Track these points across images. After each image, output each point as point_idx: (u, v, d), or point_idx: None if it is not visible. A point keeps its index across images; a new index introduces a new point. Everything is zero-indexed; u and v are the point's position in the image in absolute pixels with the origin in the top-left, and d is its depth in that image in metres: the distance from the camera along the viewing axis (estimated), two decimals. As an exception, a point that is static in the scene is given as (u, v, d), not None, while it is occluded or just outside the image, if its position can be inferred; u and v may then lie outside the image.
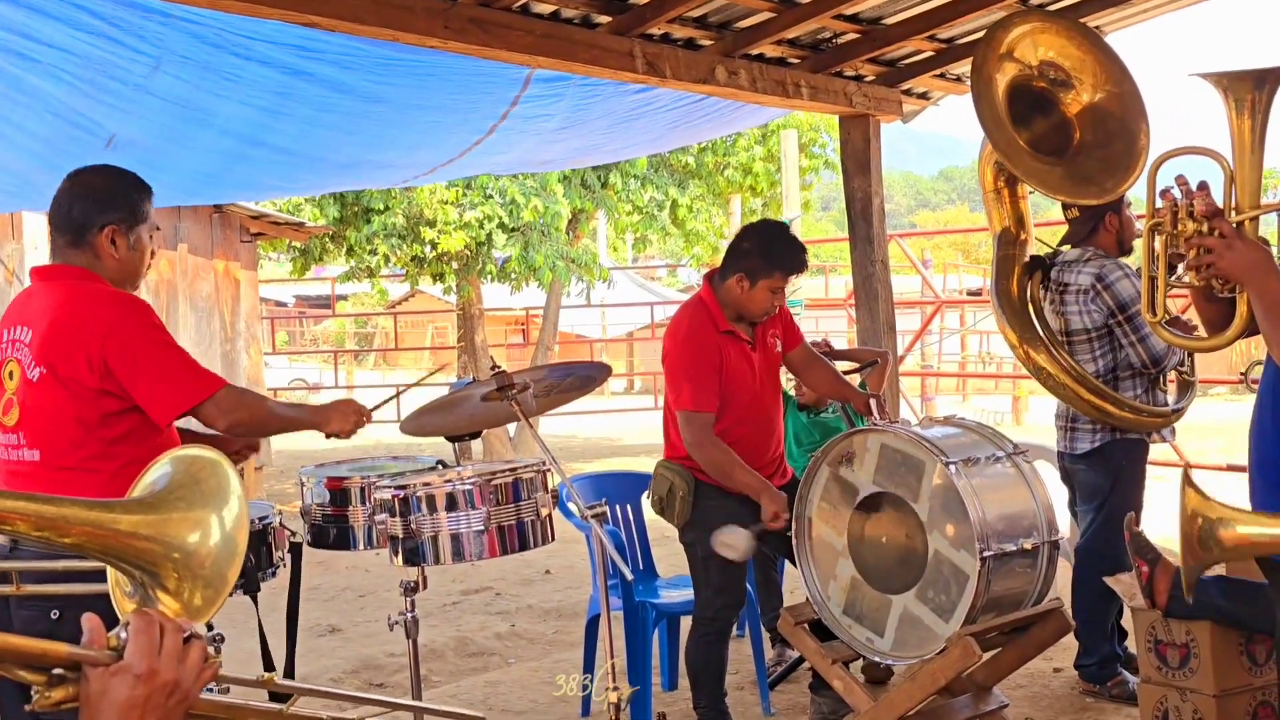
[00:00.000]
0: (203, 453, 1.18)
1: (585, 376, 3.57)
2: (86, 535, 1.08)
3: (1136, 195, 3.91)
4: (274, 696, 1.38)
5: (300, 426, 3.11)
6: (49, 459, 2.72)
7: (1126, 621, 4.30)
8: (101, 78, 4.06)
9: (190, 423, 2.87)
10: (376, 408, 3.27)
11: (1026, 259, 4.44)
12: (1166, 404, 4.35)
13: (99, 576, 1.78)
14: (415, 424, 3.40)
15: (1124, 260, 4.34)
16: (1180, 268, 2.56)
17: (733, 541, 3.64)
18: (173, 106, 4.43)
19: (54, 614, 2.55)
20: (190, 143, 4.87)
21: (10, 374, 2.76)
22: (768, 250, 3.82)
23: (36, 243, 9.22)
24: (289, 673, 3.28)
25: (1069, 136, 3.94)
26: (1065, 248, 4.41)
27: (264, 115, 4.69)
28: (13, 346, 2.77)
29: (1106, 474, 4.28)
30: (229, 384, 2.85)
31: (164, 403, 2.73)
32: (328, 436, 3.14)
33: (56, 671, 1.03)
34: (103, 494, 2.62)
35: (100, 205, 2.80)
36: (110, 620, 1.07)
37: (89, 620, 1.04)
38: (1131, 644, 4.24)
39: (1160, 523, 4.57)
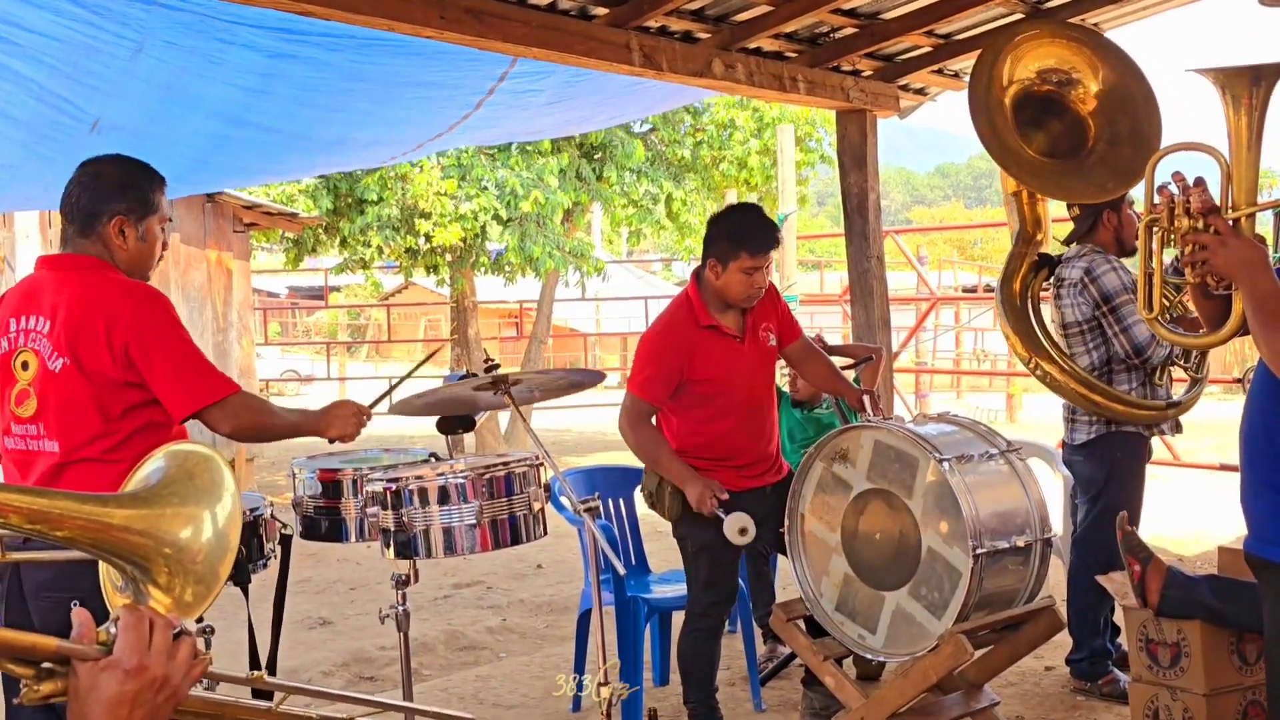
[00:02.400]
0: (197, 448, 1.17)
1: (576, 382, 3.57)
2: (79, 529, 1.07)
3: (1136, 194, 3.96)
4: (261, 694, 1.37)
5: (303, 432, 3.08)
6: (68, 450, 2.70)
7: (1119, 618, 4.31)
8: (85, 61, 4.03)
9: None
10: (374, 404, 3.25)
11: (1035, 258, 4.52)
12: (1165, 397, 4.37)
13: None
14: (406, 405, 3.40)
15: (1124, 259, 4.38)
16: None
17: (743, 525, 3.60)
18: (157, 89, 4.41)
19: (75, 603, 2.54)
20: (175, 125, 4.84)
21: (24, 364, 2.74)
22: (733, 232, 3.79)
23: (28, 230, 9.19)
24: (272, 666, 3.27)
25: (1084, 135, 4.02)
26: (1070, 245, 4.48)
27: (248, 96, 4.66)
28: (26, 336, 2.74)
29: (1101, 466, 4.31)
30: (241, 389, 2.85)
31: (180, 399, 2.72)
32: (331, 442, 3.11)
33: (45, 665, 1.02)
34: (118, 486, 2.62)
35: (109, 195, 2.78)
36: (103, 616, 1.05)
37: (78, 614, 1.03)
38: (1125, 641, 4.25)
39: (1153, 521, 4.57)
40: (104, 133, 4.51)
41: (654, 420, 3.88)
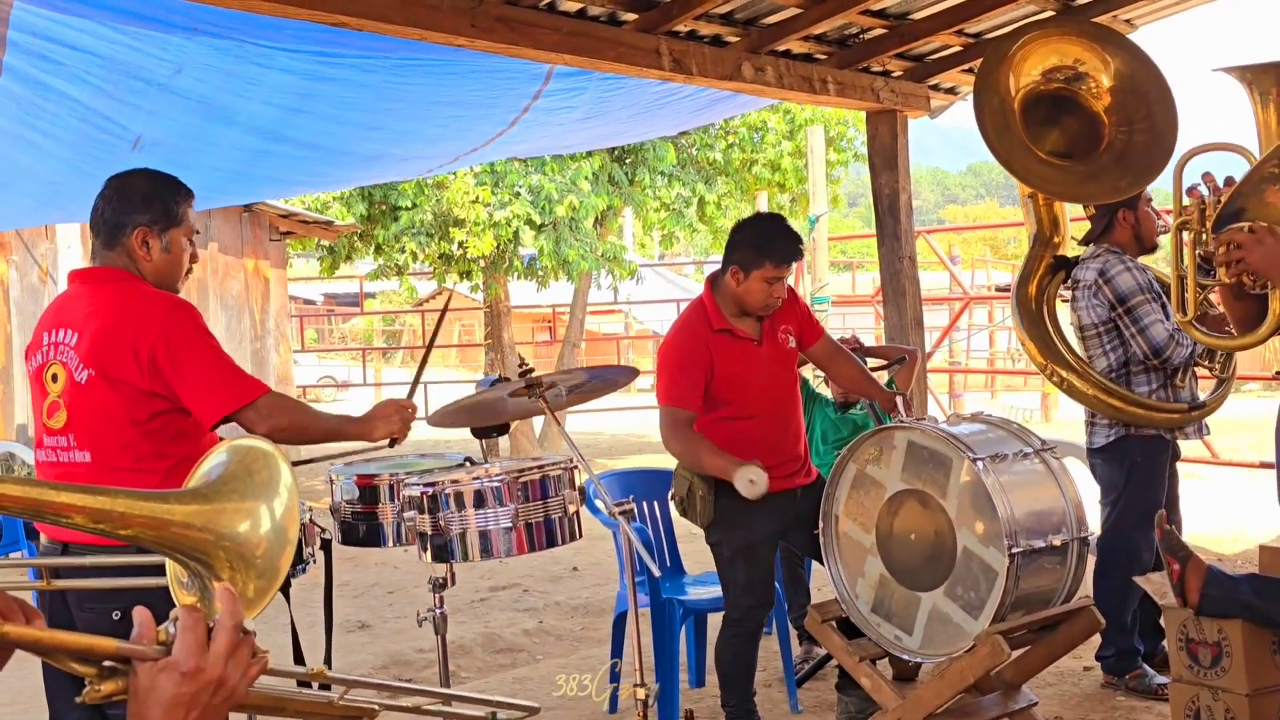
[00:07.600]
0: (257, 444, 1.19)
1: (610, 380, 3.58)
2: (142, 526, 1.09)
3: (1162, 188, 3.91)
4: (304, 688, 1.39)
5: (345, 437, 3.06)
6: (101, 460, 2.74)
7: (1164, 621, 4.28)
8: (126, 79, 4.11)
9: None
10: (411, 394, 3.25)
11: (1051, 260, 4.48)
12: (1190, 399, 4.31)
13: (134, 573, 1.80)
14: (441, 418, 3.42)
15: (1143, 258, 4.33)
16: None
17: (752, 475, 3.55)
18: (196, 105, 4.48)
19: (115, 615, 2.56)
20: (215, 140, 4.92)
21: (54, 377, 2.78)
22: (758, 241, 3.79)
23: (70, 243, 9.33)
24: (327, 665, 3.31)
25: (1099, 131, 3.98)
26: (1087, 247, 4.43)
27: (286, 114, 4.74)
28: (55, 350, 2.78)
29: (1121, 469, 4.28)
30: (271, 389, 2.84)
31: (209, 405, 2.74)
32: (383, 442, 3.09)
33: (107, 664, 1.04)
34: None
35: (132, 207, 2.82)
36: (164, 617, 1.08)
37: (139, 614, 1.05)
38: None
39: (1192, 520, 4.53)
40: (145, 149, 4.59)
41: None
